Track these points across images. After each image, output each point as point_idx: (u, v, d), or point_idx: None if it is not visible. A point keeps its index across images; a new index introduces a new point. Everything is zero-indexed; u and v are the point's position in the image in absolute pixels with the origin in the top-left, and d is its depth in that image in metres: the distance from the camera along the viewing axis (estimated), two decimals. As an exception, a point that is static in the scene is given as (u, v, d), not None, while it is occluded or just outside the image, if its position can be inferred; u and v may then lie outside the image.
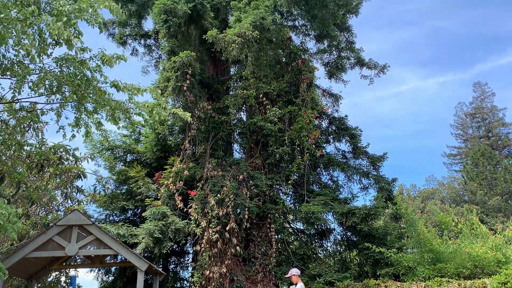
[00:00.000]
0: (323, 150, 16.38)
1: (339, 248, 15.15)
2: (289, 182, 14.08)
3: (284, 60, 16.75)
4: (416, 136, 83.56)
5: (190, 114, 8.66)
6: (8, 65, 7.63)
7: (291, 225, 15.65)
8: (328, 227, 14.97)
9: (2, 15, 5.12)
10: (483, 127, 47.69)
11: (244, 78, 15.37)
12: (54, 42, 6.90)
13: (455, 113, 51.58)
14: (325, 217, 13.77)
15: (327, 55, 18.50)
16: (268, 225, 13.69)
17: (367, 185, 16.19)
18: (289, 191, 15.35)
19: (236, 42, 12.91)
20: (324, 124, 17.75)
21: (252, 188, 13.26)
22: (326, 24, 15.98)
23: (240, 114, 16.35)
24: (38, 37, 6.76)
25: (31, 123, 9.56)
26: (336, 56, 18.11)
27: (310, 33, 18.50)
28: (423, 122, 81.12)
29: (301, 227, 15.30)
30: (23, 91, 7.34)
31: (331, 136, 17.47)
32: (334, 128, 17.56)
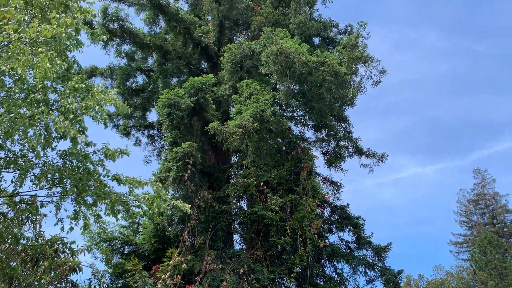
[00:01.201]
0: (326, 241, 15.99)
1: None
2: (291, 275, 13.53)
3: (284, 148, 17.05)
4: (419, 223, 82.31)
5: (189, 205, 8.61)
6: (12, 158, 7.76)
7: (295, 322, 14.73)
8: (334, 324, 14.09)
9: (12, 115, 5.33)
10: (487, 214, 47.13)
11: (245, 166, 15.52)
12: (59, 136, 7.10)
13: (457, 200, 51.38)
14: (330, 313, 13.03)
15: (326, 144, 18.90)
16: (270, 323, 12.90)
17: (373, 277, 15.55)
18: (292, 285, 14.69)
19: (237, 133, 13.25)
20: (326, 213, 17.56)
21: (253, 282, 12.71)
22: (323, 115, 16.55)
23: (241, 203, 16.25)
24: (44, 131, 6.96)
25: (30, 215, 9.47)
26: (334, 145, 18.50)
27: (309, 123, 19.11)
28: (425, 209, 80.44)
29: (306, 324, 14.38)
30: (24, 185, 7.37)
31: (334, 226, 17.18)
32: (336, 217, 17.34)
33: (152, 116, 20.65)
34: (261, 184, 14.94)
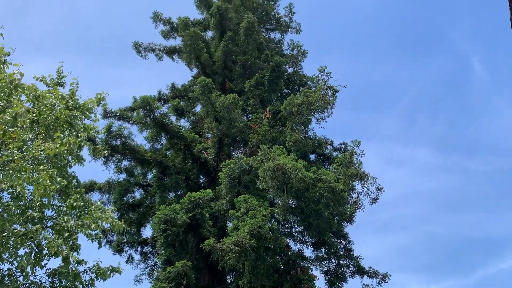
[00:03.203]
0: None
1: None
2: None
3: (282, 267, 16.34)
4: None
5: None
6: (-1, 277, 7.36)
7: None
8: None
9: (5, 234, 5.19)
10: None
11: (241, 287, 14.71)
12: (50, 253, 6.82)
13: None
14: None
15: (326, 262, 18.20)
16: None
17: None
18: None
19: (233, 251, 12.84)
20: None
21: None
22: (322, 231, 16.25)
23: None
24: (36, 249, 6.69)
25: None
26: (335, 264, 17.81)
27: (307, 240, 18.63)
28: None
29: None
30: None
31: None
32: None
33: (147, 231, 20.19)
34: (259, 307, 14.02)
